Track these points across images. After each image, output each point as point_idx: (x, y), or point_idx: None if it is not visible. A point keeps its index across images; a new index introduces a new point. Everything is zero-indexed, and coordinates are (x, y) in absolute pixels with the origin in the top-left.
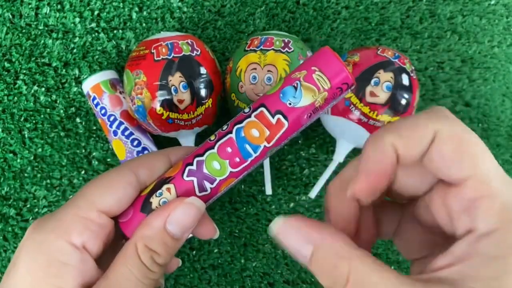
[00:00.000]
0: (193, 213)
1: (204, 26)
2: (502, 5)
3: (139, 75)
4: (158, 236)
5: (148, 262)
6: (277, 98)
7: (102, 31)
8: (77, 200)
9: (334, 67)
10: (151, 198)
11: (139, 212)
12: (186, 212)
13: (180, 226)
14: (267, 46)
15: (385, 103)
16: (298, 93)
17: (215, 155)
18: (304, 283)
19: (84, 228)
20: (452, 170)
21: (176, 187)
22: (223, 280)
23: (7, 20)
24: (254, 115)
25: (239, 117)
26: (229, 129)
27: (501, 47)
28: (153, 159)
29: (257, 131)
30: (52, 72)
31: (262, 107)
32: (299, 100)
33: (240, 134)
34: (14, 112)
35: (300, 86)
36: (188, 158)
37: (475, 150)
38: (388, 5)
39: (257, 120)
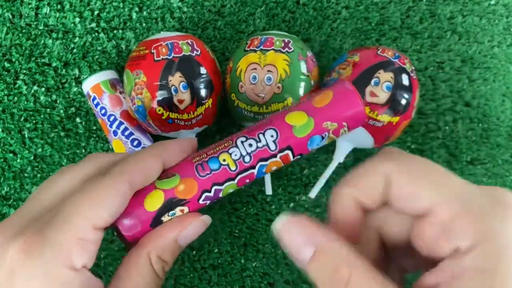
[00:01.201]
0: (203, 228)
1: (204, 26)
2: (502, 5)
3: (139, 75)
4: (171, 247)
5: (160, 272)
6: (304, 144)
7: (102, 31)
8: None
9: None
10: (162, 217)
11: (149, 227)
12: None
13: (189, 239)
14: (267, 46)
15: (385, 103)
16: (322, 142)
17: (233, 185)
18: (305, 283)
19: (84, 250)
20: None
21: (190, 209)
22: (223, 280)
23: (7, 20)
24: (280, 156)
25: (263, 152)
26: (253, 164)
27: (501, 47)
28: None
29: (276, 167)
30: (52, 72)
31: (289, 150)
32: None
33: (261, 171)
34: (14, 112)
35: (327, 137)
36: (204, 184)
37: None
38: (388, 5)
39: (280, 161)
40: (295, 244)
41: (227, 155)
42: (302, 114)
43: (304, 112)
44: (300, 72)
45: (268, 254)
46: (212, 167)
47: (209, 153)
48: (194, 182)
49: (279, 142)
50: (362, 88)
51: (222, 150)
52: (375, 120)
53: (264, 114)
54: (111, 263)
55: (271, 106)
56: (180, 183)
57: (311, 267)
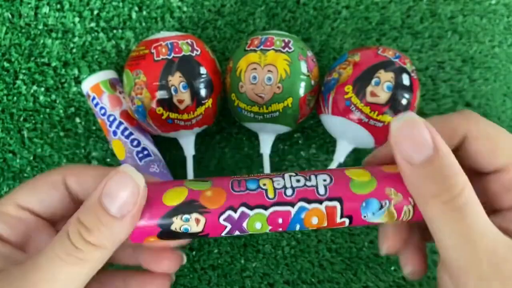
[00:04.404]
0: (129, 186)
1: (204, 25)
2: (503, 4)
3: (139, 75)
4: (92, 210)
5: (75, 237)
6: (358, 205)
7: (102, 31)
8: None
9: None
10: (175, 217)
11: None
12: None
13: (115, 199)
14: (267, 46)
15: (385, 103)
16: (379, 213)
17: (263, 218)
18: (304, 283)
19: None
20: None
21: (207, 222)
22: (223, 280)
23: (7, 19)
24: (325, 205)
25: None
26: (293, 200)
27: (502, 47)
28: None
29: (317, 219)
30: (51, 72)
31: (338, 202)
32: (375, 219)
33: (300, 215)
34: (13, 112)
35: (387, 208)
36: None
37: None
38: (388, 5)
39: (324, 212)
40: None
41: (269, 181)
42: (366, 173)
43: (368, 172)
44: (301, 72)
45: (268, 255)
46: (249, 187)
47: (252, 175)
48: (223, 193)
49: (330, 188)
50: (362, 88)
51: (266, 177)
52: (375, 120)
53: (264, 114)
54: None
55: (271, 106)
56: (209, 189)
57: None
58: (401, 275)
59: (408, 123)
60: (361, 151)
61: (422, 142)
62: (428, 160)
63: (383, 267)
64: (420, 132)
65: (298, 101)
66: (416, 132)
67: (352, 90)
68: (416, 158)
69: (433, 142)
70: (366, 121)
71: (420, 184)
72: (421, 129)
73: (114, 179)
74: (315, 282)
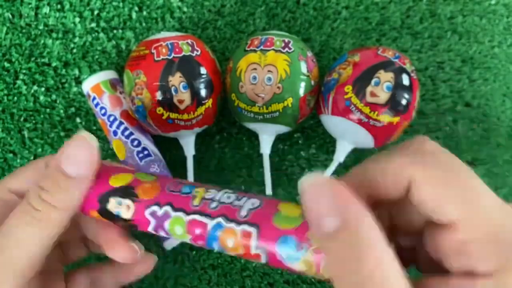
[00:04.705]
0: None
1: (204, 26)
2: (502, 5)
3: (139, 75)
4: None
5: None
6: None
7: (102, 31)
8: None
9: None
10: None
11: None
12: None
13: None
14: (267, 46)
15: (385, 103)
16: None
17: (183, 223)
18: (304, 283)
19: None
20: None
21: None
22: (223, 280)
23: (7, 20)
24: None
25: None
26: (214, 214)
27: (501, 47)
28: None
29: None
30: (52, 72)
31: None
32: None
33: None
34: (13, 112)
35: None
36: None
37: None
38: (388, 5)
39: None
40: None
41: (203, 190)
42: (298, 210)
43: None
44: (300, 72)
45: None
46: (183, 190)
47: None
48: (158, 189)
49: (253, 213)
50: (362, 88)
51: (204, 186)
52: (375, 120)
53: (264, 114)
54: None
55: (271, 106)
56: (149, 182)
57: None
58: None
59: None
60: (361, 151)
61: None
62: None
63: None
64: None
65: (298, 101)
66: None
67: (352, 90)
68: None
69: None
70: (366, 121)
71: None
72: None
73: (72, 142)
74: (315, 282)
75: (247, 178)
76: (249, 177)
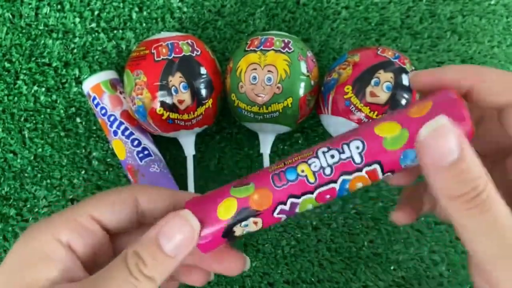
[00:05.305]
0: (185, 230)
1: (204, 26)
2: (502, 5)
3: (139, 76)
4: (149, 246)
5: (133, 267)
6: (396, 159)
7: (102, 31)
8: (74, 206)
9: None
10: (235, 227)
11: (220, 237)
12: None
13: (171, 240)
14: (267, 46)
15: (385, 103)
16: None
17: (312, 200)
18: (304, 283)
19: (73, 229)
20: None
21: (263, 222)
22: (223, 280)
23: (7, 20)
24: (365, 171)
25: (347, 164)
26: (334, 178)
27: (501, 47)
28: (157, 191)
29: (361, 184)
30: (52, 72)
31: (377, 164)
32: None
33: (344, 186)
34: (14, 112)
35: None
36: (280, 195)
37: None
38: (388, 5)
39: (366, 176)
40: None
41: (306, 166)
42: (395, 125)
43: (397, 123)
44: (300, 72)
45: (268, 254)
46: (289, 178)
47: (287, 162)
48: (269, 193)
49: (365, 154)
50: (362, 88)
51: (301, 161)
52: None
53: (264, 114)
54: None
55: (271, 107)
56: (254, 193)
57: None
58: (401, 274)
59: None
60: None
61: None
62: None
63: (382, 266)
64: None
65: (298, 101)
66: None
67: (352, 90)
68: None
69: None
70: (366, 121)
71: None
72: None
73: (172, 222)
74: (314, 281)
75: None
76: None
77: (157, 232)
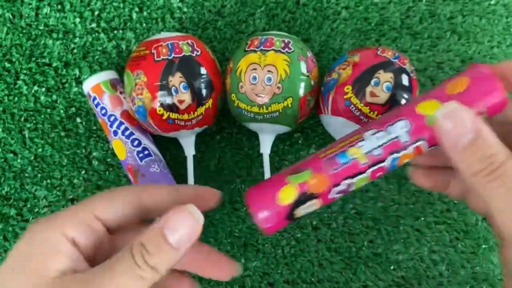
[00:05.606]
0: (191, 223)
1: (204, 26)
2: (502, 5)
3: (140, 76)
4: (155, 238)
5: (138, 257)
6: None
7: (103, 32)
8: (78, 204)
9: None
10: (295, 209)
11: (284, 219)
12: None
13: (175, 233)
14: (267, 46)
15: (385, 103)
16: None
17: (365, 179)
18: (304, 283)
19: (77, 225)
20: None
21: (322, 203)
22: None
23: (8, 20)
24: (413, 147)
25: (395, 144)
26: (384, 157)
27: (500, 47)
28: (161, 190)
29: (408, 159)
30: (52, 72)
31: (423, 141)
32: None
33: (394, 163)
34: (14, 112)
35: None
36: (335, 178)
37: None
38: (388, 6)
39: (413, 152)
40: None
41: (356, 149)
42: (435, 103)
43: (436, 100)
44: (300, 72)
45: (268, 254)
46: (341, 161)
47: (338, 147)
48: (325, 176)
49: (411, 133)
50: (362, 88)
51: (350, 144)
52: None
53: (264, 114)
54: None
55: (271, 107)
56: (311, 177)
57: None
58: (400, 274)
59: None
60: None
61: (465, 129)
62: (471, 143)
63: (382, 266)
64: (463, 120)
65: (298, 101)
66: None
67: (352, 91)
68: (461, 143)
69: (474, 126)
70: (366, 121)
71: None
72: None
73: (177, 215)
74: (314, 281)
75: (247, 178)
76: (249, 177)
77: (163, 224)
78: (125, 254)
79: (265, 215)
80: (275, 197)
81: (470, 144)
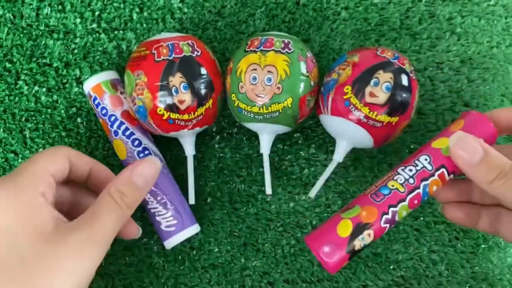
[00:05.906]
0: (152, 169)
1: (205, 26)
2: (501, 5)
3: (140, 76)
4: (126, 182)
5: (118, 199)
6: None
7: (103, 32)
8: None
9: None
10: (354, 241)
11: (345, 253)
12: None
13: (142, 177)
14: (267, 46)
15: (384, 104)
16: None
17: (406, 207)
18: (304, 282)
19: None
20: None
21: (375, 233)
22: (223, 279)
23: (8, 20)
24: (437, 174)
25: (423, 173)
26: (417, 184)
27: (500, 47)
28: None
29: (436, 187)
30: (53, 72)
31: (443, 168)
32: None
33: (425, 190)
34: (15, 112)
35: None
36: (382, 207)
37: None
38: (387, 6)
39: (438, 179)
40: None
41: (394, 182)
42: (444, 139)
43: (445, 137)
44: (300, 73)
45: (267, 254)
46: (384, 193)
47: (378, 184)
48: (373, 208)
49: (433, 162)
50: (361, 89)
51: (388, 180)
52: (374, 121)
53: (264, 114)
54: (112, 262)
55: (271, 107)
56: (362, 211)
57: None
58: (400, 274)
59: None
60: (360, 150)
61: (474, 150)
62: (481, 160)
63: (382, 266)
64: (471, 144)
65: (298, 101)
66: (468, 145)
67: (351, 91)
68: (473, 161)
69: (481, 148)
70: (365, 121)
71: (482, 175)
72: (471, 142)
73: (142, 164)
74: (314, 281)
75: (247, 178)
76: (249, 177)
77: (130, 172)
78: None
79: (328, 248)
80: (335, 231)
81: (482, 160)
